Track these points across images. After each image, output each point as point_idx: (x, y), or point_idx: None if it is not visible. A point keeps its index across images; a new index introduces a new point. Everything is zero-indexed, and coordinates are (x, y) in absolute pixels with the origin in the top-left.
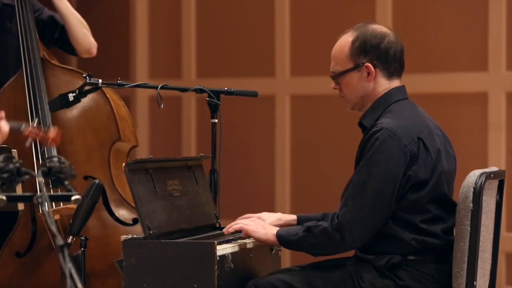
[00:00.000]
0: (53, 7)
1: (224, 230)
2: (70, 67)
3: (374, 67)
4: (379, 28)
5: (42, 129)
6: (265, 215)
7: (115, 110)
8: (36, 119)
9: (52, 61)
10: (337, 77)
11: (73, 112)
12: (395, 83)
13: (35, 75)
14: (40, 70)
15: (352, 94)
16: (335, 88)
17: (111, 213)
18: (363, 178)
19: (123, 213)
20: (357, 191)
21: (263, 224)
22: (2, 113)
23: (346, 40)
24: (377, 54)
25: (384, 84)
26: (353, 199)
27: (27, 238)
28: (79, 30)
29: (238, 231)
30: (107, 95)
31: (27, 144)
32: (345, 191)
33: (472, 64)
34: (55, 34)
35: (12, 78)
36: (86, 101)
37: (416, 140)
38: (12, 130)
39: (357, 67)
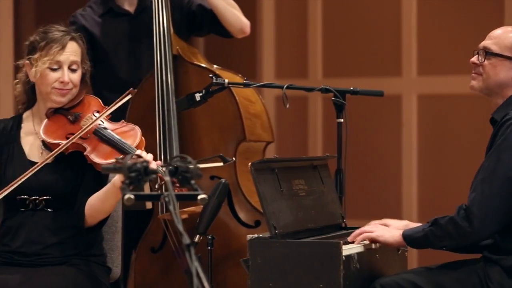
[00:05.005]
0: None
1: (349, 239)
2: (203, 65)
3: None
4: None
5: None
6: (391, 221)
7: (241, 109)
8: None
9: (186, 58)
10: (490, 55)
11: (200, 111)
12: None
13: (164, 77)
14: (170, 70)
15: (493, 78)
16: (474, 63)
17: (235, 214)
18: (493, 163)
19: (245, 215)
20: (486, 177)
21: (387, 228)
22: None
23: None
24: None
25: None
26: (482, 185)
27: (160, 235)
28: (228, 12)
29: None
30: (234, 93)
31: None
32: (475, 178)
33: None
34: (206, 22)
35: (147, 76)
36: (212, 100)
37: None
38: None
39: None
